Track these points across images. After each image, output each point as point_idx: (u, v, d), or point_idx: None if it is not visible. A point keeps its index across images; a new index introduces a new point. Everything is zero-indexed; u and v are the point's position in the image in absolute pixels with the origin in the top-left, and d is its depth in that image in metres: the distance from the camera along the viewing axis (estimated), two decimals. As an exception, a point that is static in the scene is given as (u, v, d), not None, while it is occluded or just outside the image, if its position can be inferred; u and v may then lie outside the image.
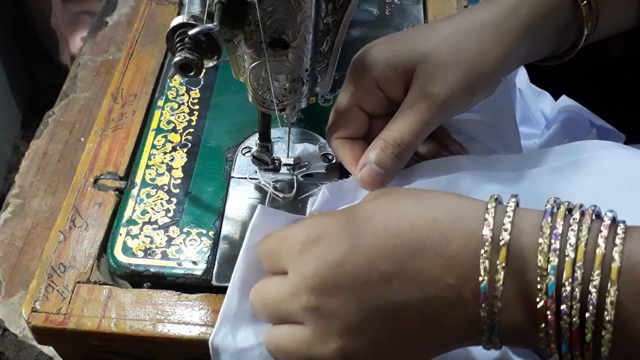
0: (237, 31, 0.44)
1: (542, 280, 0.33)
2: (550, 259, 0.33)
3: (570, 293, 0.32)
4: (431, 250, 0.35)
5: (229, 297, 0.44)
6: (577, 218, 0.34)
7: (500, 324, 0.34)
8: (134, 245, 0.50)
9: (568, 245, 0.33)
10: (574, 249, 0.33)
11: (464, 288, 0.35)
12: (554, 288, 0.33)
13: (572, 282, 0.32)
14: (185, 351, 0.47)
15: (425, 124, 0.46)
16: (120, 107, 0.60)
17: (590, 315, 0.32)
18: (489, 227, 0.35)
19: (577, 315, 0.32)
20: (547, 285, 0.33)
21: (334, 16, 0.44)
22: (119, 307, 0.47)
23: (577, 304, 0.32)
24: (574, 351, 0.33)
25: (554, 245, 0.33)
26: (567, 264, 0.33)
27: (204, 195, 0.53)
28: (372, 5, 0.70)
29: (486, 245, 0.34)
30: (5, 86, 1.33)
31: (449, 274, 0.35)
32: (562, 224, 0.34)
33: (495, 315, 0.34)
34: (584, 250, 0.33)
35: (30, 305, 0.47)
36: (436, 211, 0.37)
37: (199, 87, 0.62)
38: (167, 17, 0.69)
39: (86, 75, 0.74)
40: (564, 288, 0.32)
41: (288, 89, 0.46)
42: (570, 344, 0.33)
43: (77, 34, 1.45)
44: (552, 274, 0.33)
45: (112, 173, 0.55)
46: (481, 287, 0.34)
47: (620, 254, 0.32)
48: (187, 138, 0.58)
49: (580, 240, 0.33)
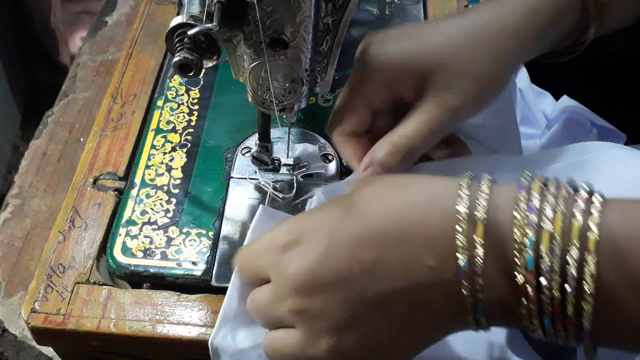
0: (236, 31, 0.44)
1: (521, 255, 0.33)
2: (527, 233, 0.32)
3: (550, 266, 0.32)
4: (409, 234, 0.35)
5: (228, 298, 0.44)
6: (553, 191, 0.33)
7: (483, 301, 0.34)
8: (133, 246, 0.50)
9: (544, 218, 0.32)
10: (550, 222, 0.32)
11: (445, 268, 0.34)
12: (533, 262, 0.32)
13: (550, 256, 0.32)
14: (185, 352, 0.47)
15: (437, 132, 0.46)
16: (119, 107, 0.60)
17: (570, 288, 0.31)
18: (464, 204, 0.34)
19: (557, 289, 0.32)
20: (526, 259, 0.32)
21: (333, 16, 0.44)
22: (119, 307, 0.47)
23: (556, 277, 0.32)
24: (556, 325, 0.33)
25: (530, 219, 0.33)
26: (545, 237, 0.32)
27: (204, 196, 0.53)
28: (372, 4, 0.70)
29: (462, 223, 0.34)
30: (4, 86, 1.33)
31: (429, 256, 0.34)
32: (537, 197, 0.33)
33: (478, 292, 0.34)
34: (561, 222, 0.32)
35: (29, 306, 0.47)
36: (412, 193, 0.36)
37: (199, 87, 0.62)
38: (167, 17, 0.69)
39: (86, 75, 0.73)
40: (543, 262, 0.32)
41: (288, 89, 0.46)
42: (553, 318, 0.33)
43: (77, 33, 1.44)
44: (530, 248, 0.32)
45: (112, 173, 0.55)
46: (460, 265, 0.34)
47: (598, 225, 0.31)
48: (186, 138, 0.57)
49: (557, 213, 0.32)
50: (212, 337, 0.43)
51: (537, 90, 0.71)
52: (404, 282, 0.35)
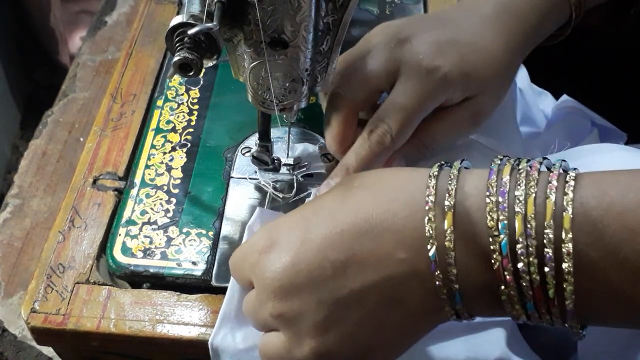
0: (236, 31, 0.44)
1: (495, 240, 0.32)
2: (500, 217, 0.32)
3: (526, 249, 0.31)
4: (378, 228, 0.35)
5: (228, 298, 0.44)
6: (524, 173, 0.33)
7: (461, 291, 0.33)
8: (133, 246, 0.50)
9: (517, 201, 0.32)
10: (523, 204, 0.32)
11: (416, 259, 0.34)
12: (508, 246, 0.32)
13: (525, 238, 0.31)
14: (185, 352, 0.47)
15: None
16: (119, 107, 0.60)
17: (549, 269, 0.31)
18: (432, 193, 0.34)
19: (536, 272, 0.31)
20: (501, 244, 0.32)
21: (334, 15, 0.44)
22: (118, 307, 0.47)
23: (534, 260, 0.31)
24: (540, 309, 0.32)
25: (502, 203, 0.32)
26: (518, 219, 0.31)
27: (204, 196, 0.53)
28: (372, 4, 0.70)
29: (430, 212, 0.33)
30: (4, 86, 1.32)
31: (399, 249, 0.34)
32: (508, 180, 0.33)
33: (453, 282, 0.33)
34: (533, 203, 0.31)
35: (29, 306, 0.47)
36: (379, 187, 0.36)
37: (199, 86, 0.62)
38: (167, 16, 0.69)
39: (85, 75, 0.73)
40: (518, 245, 0.31)
41: (288, 89, 0.46)
42: (535, 302, 0.32)
43: (77, 33, 1.44)
44: (504, 233, 0.32)
45: (112, 173, 0.55)
46: (430, 255, 0.33)
47: (572, 202, 0.31)
48: (186, 138, 0.57)
49: (530, 194, 0.32)
50: (212, 337, 0.43)
51: (537, 90, 0.71)
52: (376, 277, 0.35)
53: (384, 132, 0.45)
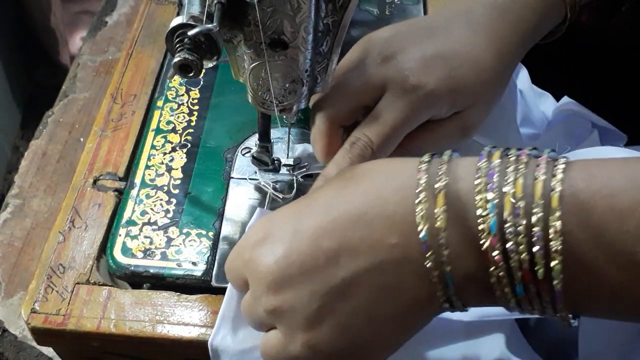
0: (236, 32, 0.44)
1: (484, 220, 0.32)
2: (489, 197, 0.32)
3: (515, 229, 0.31)
4: (369, 215, 0.35)
5: (228, 298, 0.44)
6: (514, 157, 0.33)
7: (452, 276, 0.33)
8: (133, 246, 0.50)
9: (506, 182, 0.32)
10: (512, 185, 0.32)
11: (408, 244, 0.34)
12: (497, 226, 0.32)
13: (514, 218, 0.31)
14: (185, 352, 0.47)
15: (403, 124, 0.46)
16: (119, 108, 0.60)
17: (538, 248, 0.31)
18: (422, 177, 0.34)
19: (525, 252, 0.31)
20: (490, 224, 0.32)
21: (333, 16, 0.44)
22: (119, 308, 0.47)
23: (523, 240, 0.31)
24: (529, 292, 0.32)
25: (491, 183, 0.32)
26: (507, 199, 0.32)
27: (204, 196, 0.53)
28: (372, 5, 0.70)
29: (421, 194, 0.33)
30: (4, 86, 1.33)
31: (390, 234, 0.34)
32: (499, 163, 0.33)
33: (445, 265, 0.33)
34: (522, 184, 0.32)
35: (29, 306, 0.47)
36: (371, 177, 0.36)
37: (199, 87, 0.62)
38: (167, 17, 0.69)
39: (85, 76, 0.73)
40: (507, 225, 0.31)
41: (288, 90, 0.46)
42: (524, 283, 0.32)
43: (77, 33, 1.44)
44: (493, 212, 0.32)
45: (112, 174, 0.55)
46: (421, 236, 0.33)
47: (561, 182, 0.31)
48: (186, 138, 0.57)
49: (519, 176, 0.32)
50: (211, 338, 0.43)
51: (537, 91, 0.71)
52: (367, 264, 0.35)
53: (365, 146, 0.45)
